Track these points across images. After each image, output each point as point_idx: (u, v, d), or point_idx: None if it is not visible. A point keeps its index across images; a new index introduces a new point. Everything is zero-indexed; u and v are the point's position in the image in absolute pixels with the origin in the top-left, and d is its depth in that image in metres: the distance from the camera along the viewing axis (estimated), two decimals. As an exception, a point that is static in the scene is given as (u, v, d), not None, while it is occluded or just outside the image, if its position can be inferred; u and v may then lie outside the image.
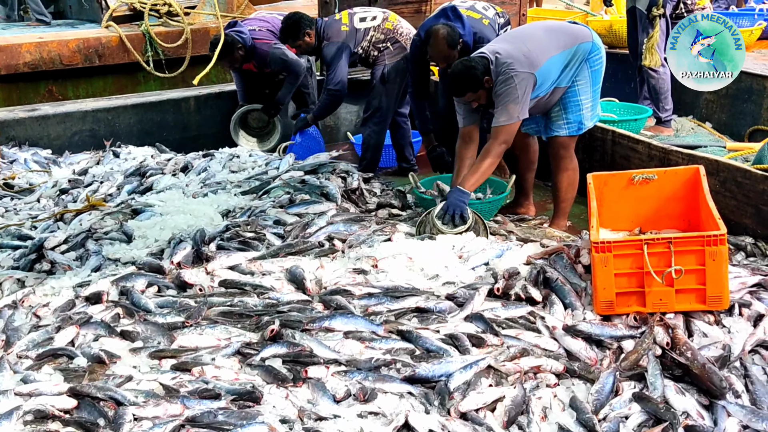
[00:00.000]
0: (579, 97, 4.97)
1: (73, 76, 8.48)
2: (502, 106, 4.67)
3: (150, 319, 3.75)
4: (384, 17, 6.27)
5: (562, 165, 5.09)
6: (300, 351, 3.41)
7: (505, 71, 4.63)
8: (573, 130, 5.03)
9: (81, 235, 4.79)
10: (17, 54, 8.04)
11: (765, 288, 3.77)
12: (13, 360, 3.46)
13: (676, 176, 4.29)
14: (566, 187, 5.13)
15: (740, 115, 6.83)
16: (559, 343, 3.52)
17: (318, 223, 4.70)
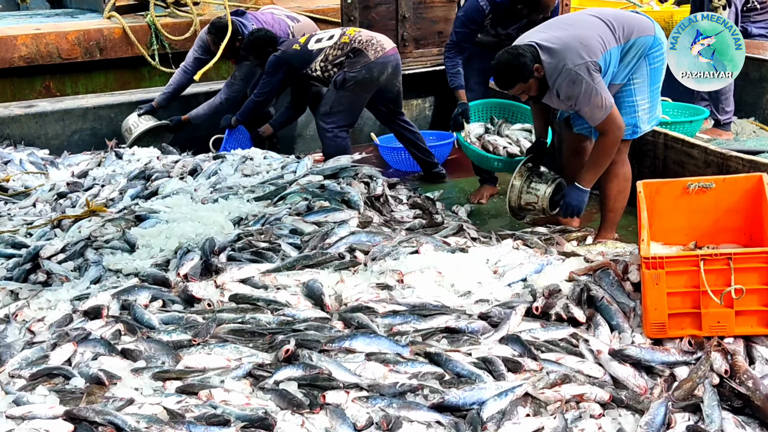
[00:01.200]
0: (635, 97, 4.94)
1: (72, 71, 8.52)
2: (588, 107, 4.69)
3: (154, 336, 3.76)
4: (341, 33, 6.56)
5: (613, 171, 5.04)
6: (317, 374, 3.40)
7: (565, 68, 4.61)
8: (627, 134, 4.98)
9: (80, 244, 4.80)
10: (12, 46, 8.10)
11: (836, 310, 3.72)
12: (4, 380, 3.47)
13: (736, 185, 4.25)
14: (616, 196, 5.09)
15: (809, 117, 6.78)
16: (604, 369, 3.48)
17: (338, 233, 4.70)
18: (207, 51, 7.26)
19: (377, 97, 6.69)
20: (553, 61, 4.64)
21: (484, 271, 4.30)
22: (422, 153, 6.94)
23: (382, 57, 6.40)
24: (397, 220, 5.25)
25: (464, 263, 4.36)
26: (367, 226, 4.94)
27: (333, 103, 6.48)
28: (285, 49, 6.54)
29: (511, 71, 4.69)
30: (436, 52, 7.77)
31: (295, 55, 6.48)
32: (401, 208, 5.44)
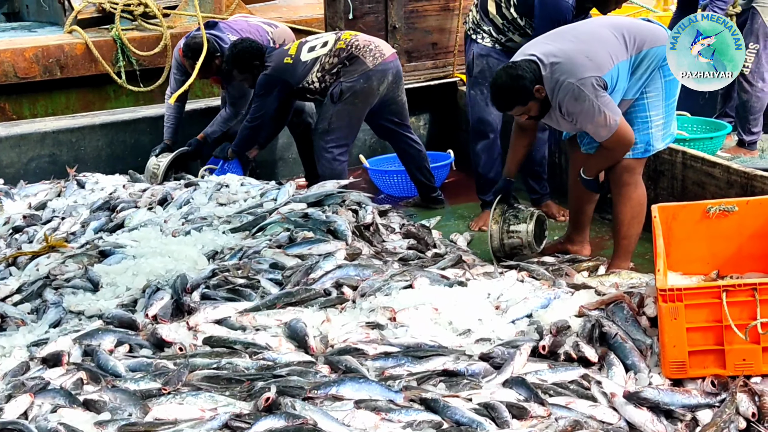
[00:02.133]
0: (648, 113, 4.98)
1: (30, 91, 8.53)
2: (591, 125, 4.77)
3: (120, 385, 3.72)
4: (336, 38, 6.57)
5: (626, 194, 5.07)
6: (301, 424, 3.38)
7: (566, 83, 4.68)
8: (639, 152, 5.01)
9: (38, 283, 4.80)
10: (-38, 64, 8.16)
11: None
12: (-47, 437, 3.47)
13: (761, 207, 4.27)
14: (630, 221, 5.10)
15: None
16: (619, 413, 3.47)
17: (324, 267, 4.70)
18: (185, 72, 7.21)
19: (379, 111, 6.70)
20: (555, 76, 4.70)
21: (485, 307, 4.30)
22: (424, 175, 6.95)
23: (381, 64, 6.43)
24: (389, 251, 5.23)
25: (463, 298, 4.36)
26: (356, 258, 4.92)
27: (331, 118, 6.50)
28: (275, 64, 6.50)
29: (510, 94, 4.79)
30: (431, 65, 7.83)
31: (287, 69, 6.46)
32: (393, 237, 5.44)
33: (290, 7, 9.86)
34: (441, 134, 7.92)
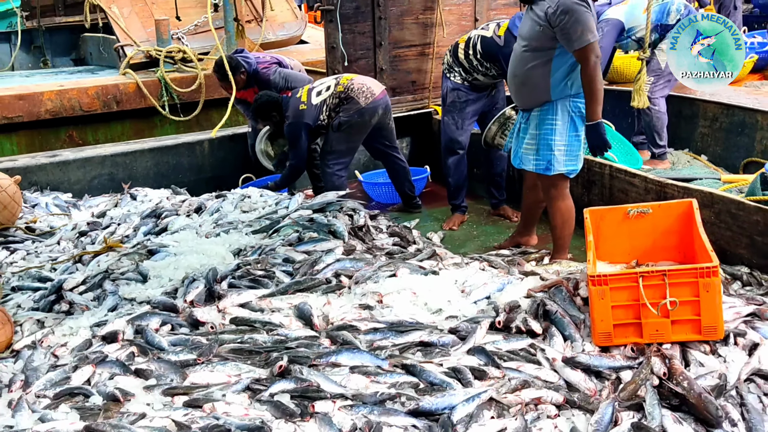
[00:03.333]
0: (554, 137, 4.98)
1: (92, 122, 8.54)
2: (579, 25, 4.58)
3: (163, 357, 3.75)
4: (336, 82, 6.55)
5: (555, 205, 5.12)
6: (307, 386, 3.40)
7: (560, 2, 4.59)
8: (541, 168, 5.05)
9: (98, 276, 4.79)
10: (39, 101, 8.13)
11: (759, 317, 3.75)
12: (31, 399, 3.46)
13: (670, 210, 4.29)
14: (561, 225, 5.15)
15: (734, 147, 6.84)
16: (559, 374, 3.49)
17: (326, 261, 4.71)
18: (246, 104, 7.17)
19: (373, 136, 6.71)
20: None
21: (453, 291, 4.30)
22: (407, 186, 6.95)
23: (372, 102, 6.43)
24: (378, 247, 5.24)
25: (436, 284, 4.36)
26: (351, 253, 4.93)
27: (332, 143, 6.54)
28: (293, 112, 6.46)
29: None
30: (411, 98, 7.85)
31: (304, 113, 6.43)
32: (381, 236, 5.45)
33: (299, 52, 9.87)
34: (419, 153, 7.93)
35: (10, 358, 3.96)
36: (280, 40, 10.08)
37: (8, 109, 7.94)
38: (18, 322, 4.28)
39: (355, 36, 7.35)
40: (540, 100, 4.94)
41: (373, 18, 7.36)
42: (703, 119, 7.17)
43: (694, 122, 7.22)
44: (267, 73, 6.80)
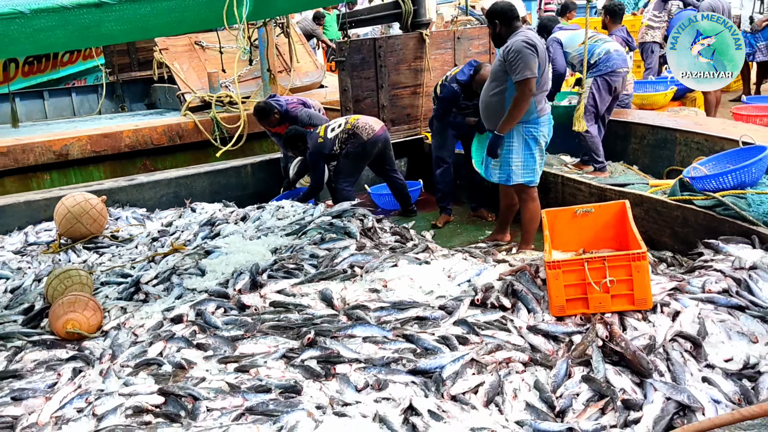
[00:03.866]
0: (511, 155, 4.96)
1: (161, 153, 8.54)
2: (522, 62, 4.59)
3: (218, 333, 3.77)
4: (345, 121, 6.54)
5: (524, 206, 5.11)
6: (330, 353, 3.42)
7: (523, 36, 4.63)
8: (503, 179, 5.04)
9: (167, 272, 4.81)
10: (120, 138, 8.14)
11: (680, 291, 3.74)
12: (117, 369, 3.49)
13: (608, 209, 4.29)
14: (528, 221, 5.13)
15: (659, 159, 6.79)
16: (524, 339, 3.50)
17: (342, 255, 4.71)
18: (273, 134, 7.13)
19: (376, 161, 6.69)
20: (524, 34, 4.67)
21: (441, 276, 4.30)
22: (405, 196, 6.92)
23: (373, 137, 6.40)
24: (383, 243, 5.22)
25: (428, 272, 4.37)
26: (362, 249, 4.92)
27: (342, 167, 6.53)
28: (313, 144, 6.46)
29: (495, 13, 4.76)
30: (406, 128, 7.82)
31: (322, 145, 6.42)
32: (385, 235, 5.44)
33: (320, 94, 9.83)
34: (414, 170, 7.91)
35: (101, 337, 3.99)
36: (305, 85, 10.07)
37: (97, 144, 7.96)
38: (106, 309, 4.31)
39: (362, 80, 7.35)
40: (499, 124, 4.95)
41: (376, 66, 7.36)
42: (634, 137, 7.13)
43: (627, 140, 7.17)
44: (295, 111, 6.79)
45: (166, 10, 2.87)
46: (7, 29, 2.49)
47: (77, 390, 3.30)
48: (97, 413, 3.05)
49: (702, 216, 4.51)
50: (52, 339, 3.96)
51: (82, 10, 2.62)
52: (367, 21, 8.20)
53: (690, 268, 4.17)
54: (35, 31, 2.60)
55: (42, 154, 7.61)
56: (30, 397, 3.26)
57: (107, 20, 2.75)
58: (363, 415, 2.91)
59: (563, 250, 4.26)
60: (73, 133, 8.04)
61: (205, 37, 9.99)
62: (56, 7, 2.56)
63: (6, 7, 2.44)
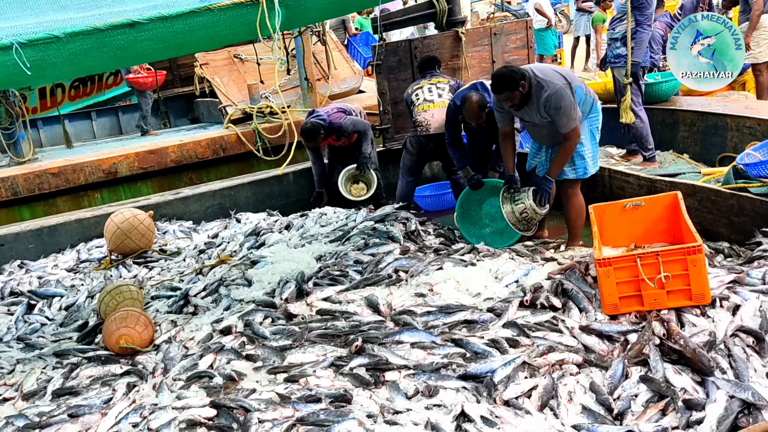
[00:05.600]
0: (583, 149, 4.81)
1: (205, 166, 8.65)
2: (566, 115, 4.44)
3: (267, 343, 3.77)
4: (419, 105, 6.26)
5: (571, 202, 4.95)
6: (378, 360, 3.38)
7: (554, 88, 4.38)
8: (580, 173, 4.87)
9: (215, 284, 4.85)
10: (165, 153, 8.29)
11: (739, 283, 3.58)
12: (170, 382, 3.52)
13: (659, 201, 4.14)
14: (575, 218, 4.99)
15: (710, 146, 6.57)
16: (577, 339, 3.40)
17: (387, 260, 4.67)
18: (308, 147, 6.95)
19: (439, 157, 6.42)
20: (544, 80, 4.42)
21: (488, 278, 4.23)
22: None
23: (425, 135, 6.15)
24: (427, 246, 5.18)
25: (475, 273, 4.29)
26: (406, 253, 4.90)
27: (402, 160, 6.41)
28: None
29: (504, 80, 4.44)
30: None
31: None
32: (429, 238, 5.40)
33: (359, 99, 9.83)
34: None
35: (153, 351, 4.03)
36: (343, 92, 10.09)
37: (144, 161, 8.12)
38: (157, 323, 4.36)
39: (399, 83, 7.30)
40: None
41: (412, 68, 7.30)
42: (683, 125, 6.91)
43: (675, 128, 6.96)
44: (339, 122, 6.66)
45: (198, 25, 2.88)
46: (45, 54, 2.55)
47: (132, 405, 3.33)
48: (151, 427, 3.07)
49: (759, 204, 4.32)
50: (107, 354, 4.02)
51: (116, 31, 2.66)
52: (402, 22, 8.15)
53: (748, 258, 4.00)
54: (72, 54, 2.66)
55: (92, 173, 7.80)
56: (86, 413, 3.31)
57: (141, 39, 2.78)
58: (414, 423, 2.86)
59: (613, 245, 4.13)
60: (120, 151, 8.22)
61: (244, 49, 10.11)
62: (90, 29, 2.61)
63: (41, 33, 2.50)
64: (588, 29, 14.68)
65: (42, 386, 3.74)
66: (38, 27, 2.62)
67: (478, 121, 5.31)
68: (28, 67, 2.51)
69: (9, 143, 8.64)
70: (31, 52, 2.50)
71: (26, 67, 2.51)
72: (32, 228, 6.36)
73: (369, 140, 6.73)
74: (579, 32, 14.90)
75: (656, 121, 6.86)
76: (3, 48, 2.52)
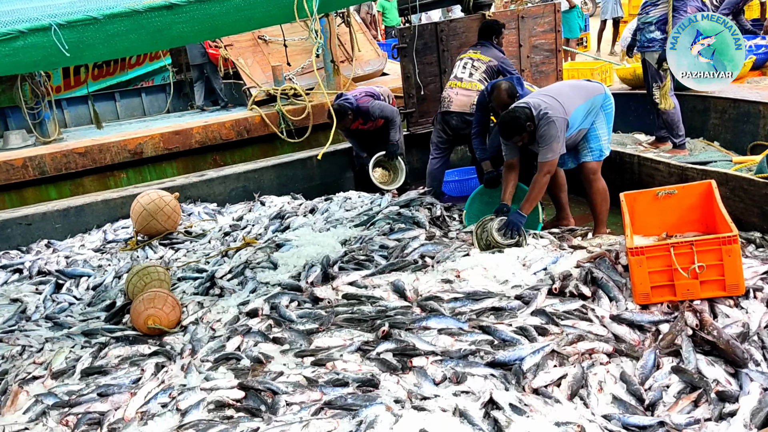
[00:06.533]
0: (598, 132, 4.82)
1: (229, 148, 8.67)
2: (546, 145, 4.51)
3: (293, 327, 3.78)
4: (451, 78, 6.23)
5: (593, 187, 4.89)
6: (405, 346, 3.38)
7: (545, 117, 4.48)
8: (596, 156, 4.84)
9: (241, 266, 4.86)
10: (190, 135, 8.31)
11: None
12: (198, 364, 3.54)
13: (693, 189, 4.07)
14: (600, 202, 4.92)
15: (742, 133, 6.44)
16: (607, 329, 3.36)
17: (412, 245, 4.65)
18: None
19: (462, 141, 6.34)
20: (542, 113, 4.49)
21: (516, 265, 4.19)
22: None
23: (445, 111, 6.07)
24: (452, 231, 5.14)
25: (502, 260, 4.25)
26: (432, 238, 4.86)
27: (432, 135, 6.34)
28: None
29: (512, 128, 4.56)
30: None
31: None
32: (454, 223, 5.36)
33: (383, 82, 9.79)
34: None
35: (180, 332, 4.06)
36: (367, 74, 10.03)
37: (168, 142, 8.16)
38: (184, 304, 4.39)
39: (424, 66, 7.23)
40: None
41: (438, 51, 7.22)
42: (714, 112, 6.78)
43: (706, 115, 6.83)
44: (366, 106, 6.62)
45: (234, 8, 2.86)
46: (82, 35, 2.54)
47: (161, 385, 3.37)
48: (180, 408, 3.10)
49: (794, 193, 4.23)
50: (135, 335, 4.06)
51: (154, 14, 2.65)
52: (429, 5, 8.06)
53: (782, 249, 3.92)
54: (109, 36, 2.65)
55: (118, 153, 7.86)
56: (116, 393, 3.35)
57: (178, 22, 2.77)
58: (443, 409, 2.85)
59: (644, 234, 4.07)
60: (146, 132, 8.26)
61: (268, 31, 10.05)
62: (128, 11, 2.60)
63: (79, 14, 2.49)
64: (615, 12, 14.45)
65: (71, 365, 3.78)
66: (72, 7, 2.62)
67: (504, 110, 5.22)
68: (66, 49, 2.51)
69: (35, 123, 8.72)
70: (69, 33, 2.49)
71: (65, 49, 2.50)
72: (59, 208, 6.42)
73: (397, 127, 6.68)
74: (606, 15, 14.68)
75: (687, 108, 6.73)
76: (42, 29, 2.52)
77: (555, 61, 7.64)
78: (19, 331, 4.31)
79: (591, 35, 14.96)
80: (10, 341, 4.16)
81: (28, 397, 3.49)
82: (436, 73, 7.30)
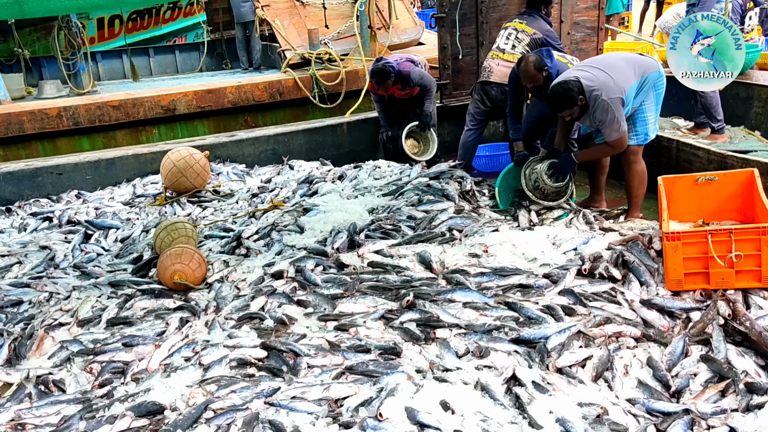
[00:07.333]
0: (646, 114, 4.65)
1: (261, 109, 8.65)
2: (610, 127, 4.37)
3: (318, 291, 3.78)
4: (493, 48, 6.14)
5: (633, 169, 4.76)
6: (430, 317, 3.36)
7: (602, 99, 4.30)
8: (641, 139, 4.71)
9: (267, 228, 4.87)
10: (223, 94, 8.31)
11: (813, 269, 3.41)
12: (221, 321, 3.56)
13: (734, 177, 3.96)
14: (637, 185, 4.80)
15: (785, 124, 6.28)
16: (636, 313, 3.31)
17: (440, 218, 4.61)
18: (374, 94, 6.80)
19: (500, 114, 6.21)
20: (594, 94, 4.35)
21: (546, 244, 4.13)
22: None
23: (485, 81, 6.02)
24: (482, 206, 5.08)
25: (532, 238, 4.20)
26: (461, 212, 4.81)
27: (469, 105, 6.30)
28: None
29: (563, 101, 4.40)
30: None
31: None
32: (484, 198, 5.30)
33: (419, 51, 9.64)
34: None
35: (205, 289, 4.09)
36: (403, 42, 9.89)
37: (201, 100, 8.16)
38: (210, 262, 4.41)
39: (462, 37, 7.10)
40: None
41: (477, 22, 7.08)
42: (758, 100, 6.59)
43: (749, 103, 6.63)
44: (408, 70, 6.50)
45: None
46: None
47: (184, 339, 3.39)
48: (203, 363, 3.13)
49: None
50: (160, 288, 4.09)
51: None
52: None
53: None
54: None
55: (151, 108, 7.88)
56: (140, 344, 3.38)
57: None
58: (464, 382, 2.84)
59: (680, 220, 3.99)
60: (179, 89, 8.27)
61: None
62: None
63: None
64: (660, -7, 14.04)
65: (97, 314, 3.83)
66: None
67: (532, 83, 5.06)
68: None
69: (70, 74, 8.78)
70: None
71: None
72: (90, 159, 6.47)
73: (432, 98, 6.58)
74: (651, -5, 14.27)
75: (729, 95, 6.54)
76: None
77: (596, 39, 7.44)
78: (47, 278, 4.37)
79: (633, 15, 14.58)
80: (38, 287, 4.22)
81: (54, 342, 3.54)
82: (474, 45, 7.16)
